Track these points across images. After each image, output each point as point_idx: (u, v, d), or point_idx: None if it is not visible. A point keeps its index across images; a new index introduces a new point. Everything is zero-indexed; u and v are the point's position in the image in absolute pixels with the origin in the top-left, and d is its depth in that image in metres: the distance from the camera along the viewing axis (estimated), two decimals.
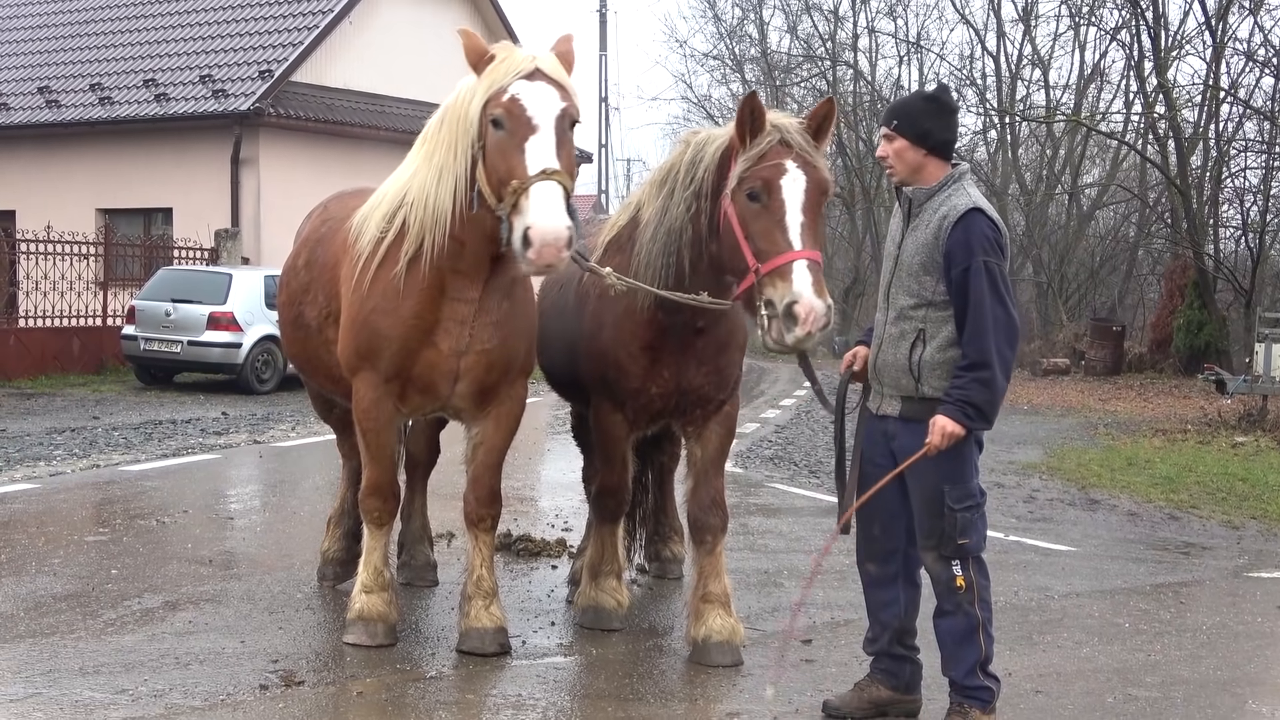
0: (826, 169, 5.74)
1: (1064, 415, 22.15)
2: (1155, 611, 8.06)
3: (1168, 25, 32.76)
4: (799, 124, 5.73)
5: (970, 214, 5.21)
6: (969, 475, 5.32)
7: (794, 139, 5.66)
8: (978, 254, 5.15)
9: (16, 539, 8.91)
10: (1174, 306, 31.32)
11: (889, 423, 5.43)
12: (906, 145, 5.38)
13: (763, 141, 5.65)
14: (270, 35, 27.78)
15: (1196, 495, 13.00)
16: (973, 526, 5.28)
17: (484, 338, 6.12)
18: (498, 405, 6.36)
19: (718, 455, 6.57)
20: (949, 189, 5.35)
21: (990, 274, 5.15)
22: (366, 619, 6.45)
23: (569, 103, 5.70)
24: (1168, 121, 30.95)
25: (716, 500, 6.50)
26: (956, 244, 5.19)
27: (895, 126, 5.40)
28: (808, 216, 5.55)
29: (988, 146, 43.67)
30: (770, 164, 5.61)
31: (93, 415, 17.02)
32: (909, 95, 6.09)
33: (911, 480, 5.34)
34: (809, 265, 5.42)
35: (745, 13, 49.67)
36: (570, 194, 5.59)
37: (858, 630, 6.35)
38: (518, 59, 5.76)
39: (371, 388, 6.27)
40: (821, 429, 18.50)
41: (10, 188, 27.83)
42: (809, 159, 5.65)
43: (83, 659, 6.11)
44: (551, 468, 13.66)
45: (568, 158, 5.63)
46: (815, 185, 5.61)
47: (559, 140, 5.60)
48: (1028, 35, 40.76)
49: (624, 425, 6.62)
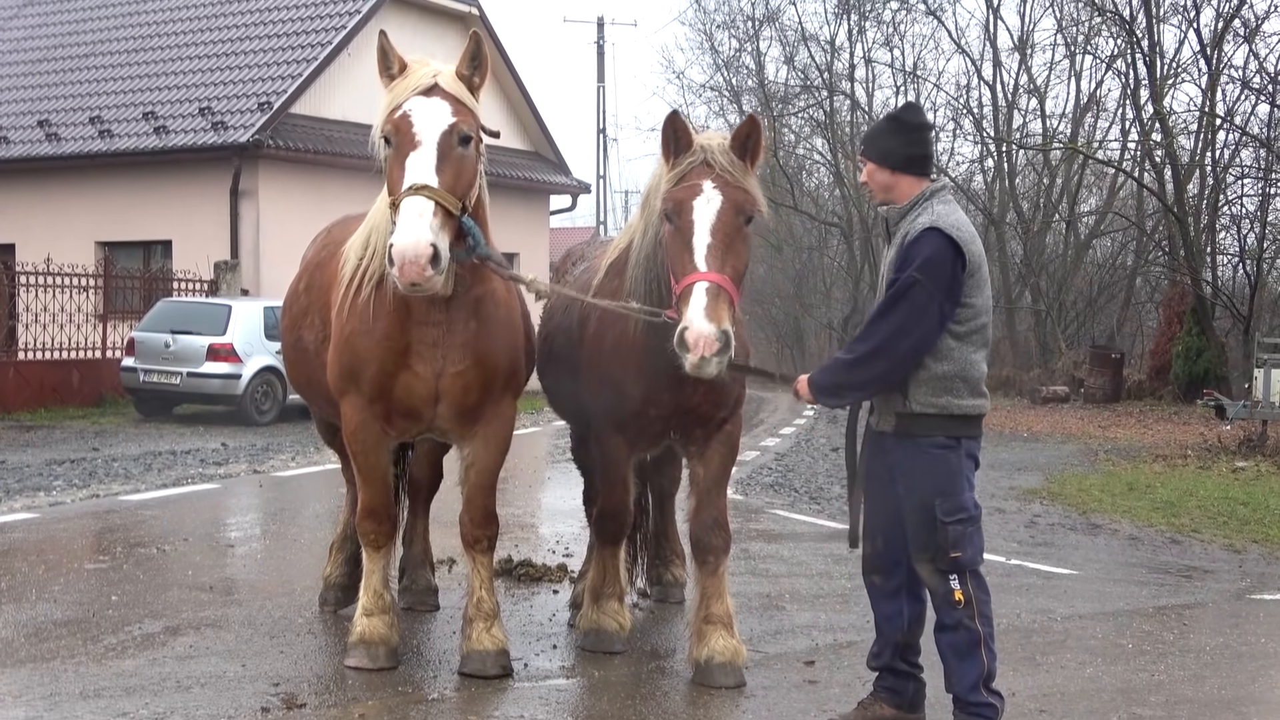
0: (751, 188, 5.75)
1: (1064, 442, 22.14)
2: (1158, 633, 8.03)
3: (1163, 53, 32.97)
4: (724, 143, 5.75)
5: (924, 233, 5.26)
6: (961, 488, 5.33)
7: (717, 159, 5.69)
8: (910, 268, 5.22)
9: (17, 567, 8.89)
10: (1172, 333, 31.36)
11: (886, 439, 5.47)
12: (875, 167, 5.51)
13: (684, 163, 5.72)
14: (269, 68, 27.88)
15: (1198, 519, 12.98)
16: (966, 540, 5.28)
17: (455, 359, 6.10)
18: (485, 426, 6.34)
19: (720, 475, 6.55)
20: (919, 208, 5.41)
21: (913, 288, 5.19)
22: (368, 642, 6.43)
23: (460, 117, 5.67)
24: (1164, 149, 31.09)
25: (719, 521, 6.48)
26: (903, 260, 5.28)
27: (863, 151, 5.59)
28: (715, 237, 5.55)
29: (985, 175, 43.84)
30: (686, 185, 5.67)
31: (92, 446, 17.01)
32: (876, 122, 6.15)
33: (904, 494, 5.37)
34: (706, 289, 5.42)
35: (742, 44, 49.98)
36: (454, 209, 5.52)
37: (860, 652, 6.34)
38: (418, 76, 5.78)
39: (357, 410, 6.29)
40: (821, 456, 18.51)
41: (10, 221, 27.88)
42: (730, 179, 5.68)
43: (84, 683, 6.09)
44: (552, 495, 13.64)
45: (453, 173, 5.57)
46: (731, 206, 5.63)
47: (441, 155, 5.57)
48: (1024, 64, 40.99)
49: (625, 448, 6.60)
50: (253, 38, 29.39)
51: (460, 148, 5.64)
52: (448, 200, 5.50)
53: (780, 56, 49.54)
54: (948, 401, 5.31)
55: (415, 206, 5.41)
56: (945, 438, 5.32)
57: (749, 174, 5.78)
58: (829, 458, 18.02)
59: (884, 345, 5.25)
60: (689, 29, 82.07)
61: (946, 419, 5.32)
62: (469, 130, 5.68)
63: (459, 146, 5.64)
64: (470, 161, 5.71)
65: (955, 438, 5.34)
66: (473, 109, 5.76)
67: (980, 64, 42.12)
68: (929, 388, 5.30)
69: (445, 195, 5.50)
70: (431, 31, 30.72)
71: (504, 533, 7.14)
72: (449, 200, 5.51)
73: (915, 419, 5.32)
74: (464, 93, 5.75)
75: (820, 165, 52.08)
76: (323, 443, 8.26)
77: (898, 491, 5.40)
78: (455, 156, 5.62)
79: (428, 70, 5.80)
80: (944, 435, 5.32)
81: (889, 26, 45.48)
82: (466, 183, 5.66)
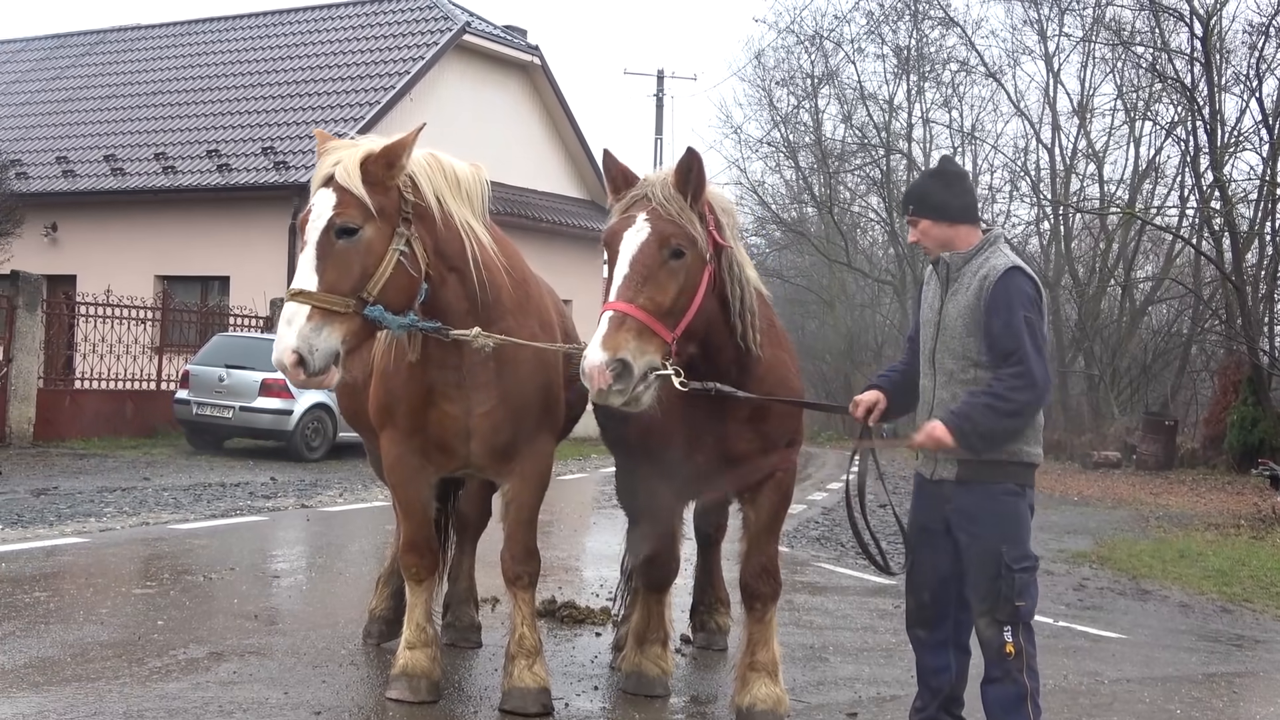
0: (683, 222, 5.48)
1: (1115, 507, 21.89)
2: (1208, 700, 7.91)
3: (1224, 121, 32.74)
4: (667, 178, 5.61)
5: (1009, 272, 5.27)
6: (1025, 537, 5.32)
7: (655, 193, 5.55)
8: (1017, 309, 5.20)
9: (65, 589, 8.98)
10: (1228, 402, 30.99)
11: (945, 486, 5.40)
12: (930, 224, 5.48)
13: (625, 197, 5.64)
14: (332, 110, 28.27)
15: (1250, 589, 12.78)
16: (1028, 589, 5.25)
17: (481, 399, 6.12)
18: (521, 463, 6.35)
19: (770, 521, 6.48)
20: (985, 252, 5.41)
21: (1030, 328, 5.19)
22: (410, 675, 6.43)
23: (339, 210, 5.46)
24: (1223, 217, 30.85)
25: (768, 568, 6.43)
26: (997, 300, 5.23)
27: (913, 211, 5.53)
28: (634, 268, 5.36)
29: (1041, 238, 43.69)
30: (620, 217, 5.58)
31: (143, 476, 17.17)
32: (915, 180, 6.04)
33: (968, 540, 5.31)
34: (610, 317, 5.26)
35: (800, 101, 50.15)
36: (340, 307, 5.36)
37: (904, 705, 6.28)
38: (322, 166, 5.63)
39: (394, 444, 6.34)
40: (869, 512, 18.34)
41: (73, 252, 28.35)
42: (662, 213, 5.49)
43: (127, 703, 6.13)
44: (596, 539, 13.62)
45: (335, 270, 5.41)
46: (655, 237, 5.42)
47: (319, 254, 5.42)
48: (1083, 129, 40.91)
49: (672, 495, 6.56)
50: (318, 80, 29.86)
51: (341, 241, 5.44)
52: (326, 301, 5.35)
53: (838, 114, 49.80)
54: (1018, 448, 5.29)
55: (286, 313, 5.36)
56: (1014, 485, 5.30)
57: (687, 209, 5.55)
58: (875, 514, 17.85)
59: (1039, 388, 5.20)
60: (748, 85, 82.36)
61: (1016, 466, 5.30)
62: (350, 222, 5.45)
63: (339, 240, 5.44)
64: (358, 252, 5.46)
65: (1022, 485, 5.33)
66: (361, 197, 5.46)
67: (1039, 127, 42.15)
68: None
69: (324, 297, 5.35)
70: (494, 80, 31.13)
71: (548, 575, 7.15)
72: (328, 301, 5.36)
73: (985, 465, 5.28)
74: (355, 181, 5.48)
75: (875, 223, 52.13)
76: (375, 475, 8.30)
77: (955, 542, 5.36)
78: (336, 252, 5.43)
79: (329, 158, 5.63)
80: (1013, 482, 5.30)
81: (948, 88, 45.70)
82: (357, 275, 5.47)
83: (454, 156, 6.11)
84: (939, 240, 5.48)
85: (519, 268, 6.42)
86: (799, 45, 48.53)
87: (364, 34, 31.21)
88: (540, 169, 32.54)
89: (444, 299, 5.90)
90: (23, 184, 27.86)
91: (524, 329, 6.21)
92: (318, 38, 32.17)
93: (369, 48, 30.45)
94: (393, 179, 5.59)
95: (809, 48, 48.11)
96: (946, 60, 44.49)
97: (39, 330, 21.88)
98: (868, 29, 45.81)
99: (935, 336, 5.47)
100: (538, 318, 6.41)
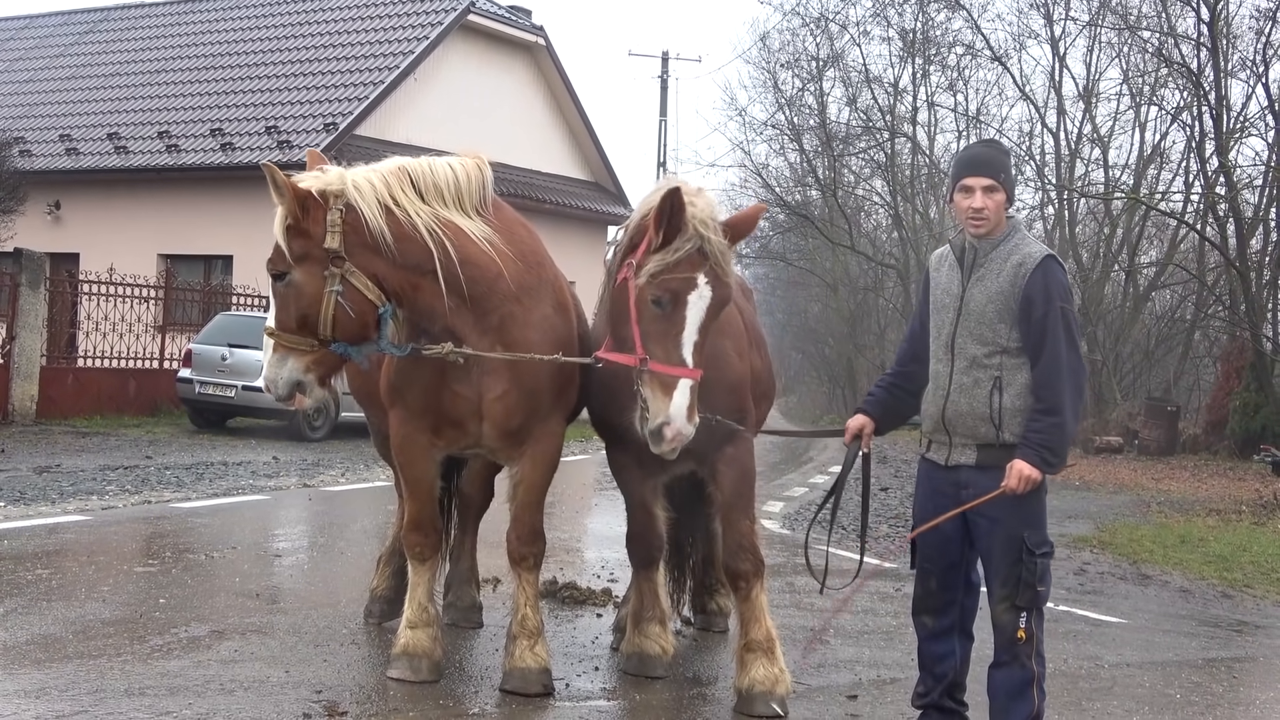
0: (735, 281, 5.91)
1: (1116, 492, 21.90)
2: (1208, 684, 7.92)
3: (1230, 107, 32.62)
4: (718, 228, 5.73)
5: (1047, 260, 5.28)
6: (1045, 521, 5.35)
7: (712, 250, 5.69)
8: (1056, 300, 5.21)
9: (67, 566, 8.99)
10: (1230, 388, 30.99)
11: (961, 472, 5.40)
12: (1004, 199, 5.40)
13: (682, 247, 5.65)
14: (335, 89, 28.23)
15: (1251, 575, 12.79)
16: (1048, 574, 5.28)
17: (491, 385, 6.14)
18: (533, 444, 6.36)
19: (735, 497, 6.47)
20: (1014, 238, 5.39)
21: (1066, 320, 5.21)
22: (411, 654, 6.44)
23: (270, 258, 5.77)
24: (1228, 203, 30.78)
25: (743, 544, 6.43)
26: (1036, 290, 5.22)
27: (1002, 180, 5.38)
28: (703, 334, 5.68)
29: (1045, 223, 43.54)
30: (681, 276, 5.64)
31: (145, 455, 17.19)
32: (993, 149, 5.71)
33: (988, 528, 5.31)
34: (691, 387, 5.56)
35: (805, 84, 50.01)
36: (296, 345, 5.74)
37: (904, 688, 6.29)
38: None
39: (403, 421, 6.36)
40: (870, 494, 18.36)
41: (76, 230, 28.34)
42: (721, 275, 5.72)
43: (129, 681, 6.14)
44: (598, 521, 13.64)
45: (280, 311, 5.78)
46: (719, 301, 5.73)
47: (272, 296, 5.88)
48: (1088, 114, 40.74)
49: (636, 469, 6.64)
50: (321, 59, 29.79)
51: (278, 284, 5.79)
52: (289, 341, 5.77)
53: (843, 97, 49.62)
54: None
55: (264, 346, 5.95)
56: None
57: (731, 258, 5.85)
58: (876, 497, 17.91)
59: (1080, 381, 5.26)
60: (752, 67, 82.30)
61: None
62: (278, 268, 5.75)
63: (276, 283, 5.80)
64: (292, 296, 5.74)
65: None
66: (278, 243, 5.73)
67: (1044, 111, 41.99)
68: (1023, 417, 5.27)
69: (285, 336, 5.78)
70: (498, 60, 31.06)
71: (550, 556, 7.14)
72: (289, 340, 5.77)
73: (1005, 449, 5.28)
74: (279, 230, 5.73)
75: (879, 207, 52.05)
76: (378, 455, 8.31)
77: (965, 528, 5.36)
78: (278, 295, 5.81)
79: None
80: None
81: (953, 71, 45.49)
82: (297, 316, 5.74)
83: (448, 151, 6.17)
84: (999, 219, 5.39)
85: (531, 251, 6.34)
86: (804, 27, 48.40)
87: (368, 12, 31.14)
88: (544, 150, 32.47)
89: (423, 303, 5.96)
90: (26, 162, 27.83)
91: (534, 313, 6.20)
92: (322, 16, 32.09)
93: (373, 26, 30.39)
94: (312, 223, 5.73)
95: (814, 30, 47.98)
96: (952, 44, 44.29)
97: (42, 308, 21.88)
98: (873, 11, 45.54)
99: (955, 321, 5.42)
100: (553, 299, 6.37)
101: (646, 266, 5.68)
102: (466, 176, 6.12)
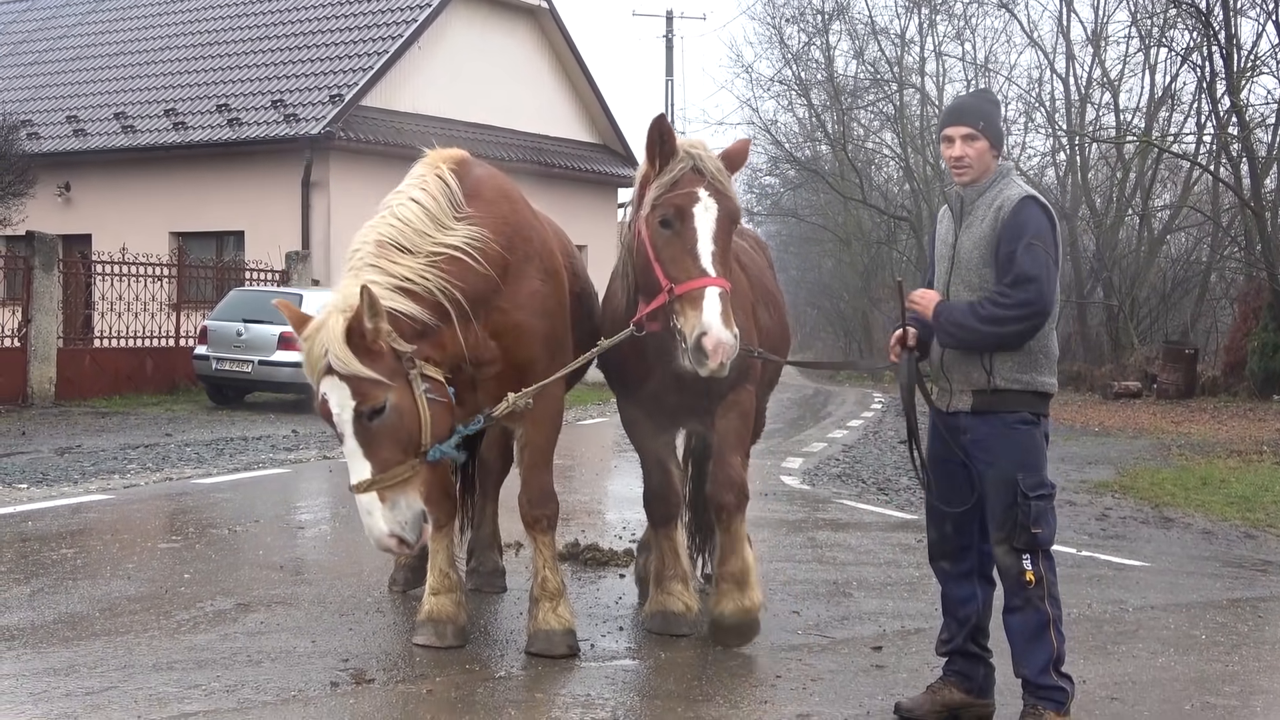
0: (737, 198, 5.98)
1: (1136, 437, 21.85)
2: (1232, 625, 7.92)
3: (1240, 45, 32.34)
4: (711, 152, 5.94)
5: (1023, 201, 5.30)
6: (1042, 464, 5.34)
7: (706, 167, 5.86)
8: (1026, 235, 5.22)
9: (92, 545, 9.04)
10: (1248, 329, 30.85)
11: (960, 418, 5.43)
12: (987, 146, 5.42)
13: (675, 168, 5.85)
14: (341, 60, 28.14)
15: (1273, 515, 12.75)
16: (1045, 516, 5.26)
17: (481, 356, 6.12)
18: (533, 408, 6.34)
19: (730, 436, 6.57)
20: (999, 183, 5.42)
21: (1032, 253, 5.19)
22: (436, 620, 6.47)
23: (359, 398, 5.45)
24: (1241, 142, 30.58)
25: (732, 478, 6.51)
26: (1007, 230, 5.26)
27: (981, 128, 5.40)
28: (718, 245, 5.76)
29: (1057, 169, 43.38)
30: (683, 191, 5.80)
31: (165, 432, 17.26)
32: (975, 97, 5.95)
33: (985, 469, 5.33)
34: (720, 294, 5.62)
35: (811, 38, 49.73)
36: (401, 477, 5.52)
37: (928, 638, 6.30)
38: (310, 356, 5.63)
39: None
40: (889, 448, 18.40)
41: (87, 211, 28.36)
42: (721, 188, 5.86)
43: (156, 655, 6.19)
44: (618, 483, 13.66)
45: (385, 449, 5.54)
46: (726, 214, 5.86)
47: (362, 443, 5.54)
48: (1097, 58, 40.47)
49: (646, 422, 6.78)
50: (325, 31, 29.68)
51: (375, 422, 5.48)
52: (386, 480, 5.49)
53: (850, 50, 49.40)
54: (1032, 378, 5.32)
55: (362, 505, 5.55)
56: (1029, 414, 5.33)
57: (732, 182, 6.04)
58: (897, 450, 17.91)
59: (1027, 307, 5.18)
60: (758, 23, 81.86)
61: (1030, 395, 5.33)
62: (373, 404, 5.46)
63: (372, 422, 5.48)
64: (388, 427, 5.50)
65: (1036, 414, 5.36)
66: (365, 375, 5.44)
67: (1053, 57, 41.71)
68: (1015, 363, 5.30)
69: (386, 477, 5.49)
70: (502, 25, 30.89)
71: (571, 519, 7.15)
72: (392, 477, 5.50)
73: (998, 395, 5.31)
74: (353, 362, 5.43)
75: (890, 159, 51.81)
76: None
77: (974, 472, 5.37)
78: (375, 433, 5.49)
79: (312, 347, 5.57)
80: (1027, 411, 5.33)
81: (960, 20, 45.23)
82: (399, 445, 5.53)
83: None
84: (984, 166, 5.41)
85: (514, 226, 6.21)
86: None
87: None
88: (550, 114, 32.33)
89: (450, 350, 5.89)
90: (34, 144, 27.81)
91: (523, 290, 6.19)
92: None
93: None
94: (378, 337, 5.49)
95: None
96: None
97: (56, 290, 21.92)
98: None
99: (950, 270, 5.49)
100: (540, 268, 6.32)
101: (648, 196, 5.88)
102: (433, 199, 5.92)
